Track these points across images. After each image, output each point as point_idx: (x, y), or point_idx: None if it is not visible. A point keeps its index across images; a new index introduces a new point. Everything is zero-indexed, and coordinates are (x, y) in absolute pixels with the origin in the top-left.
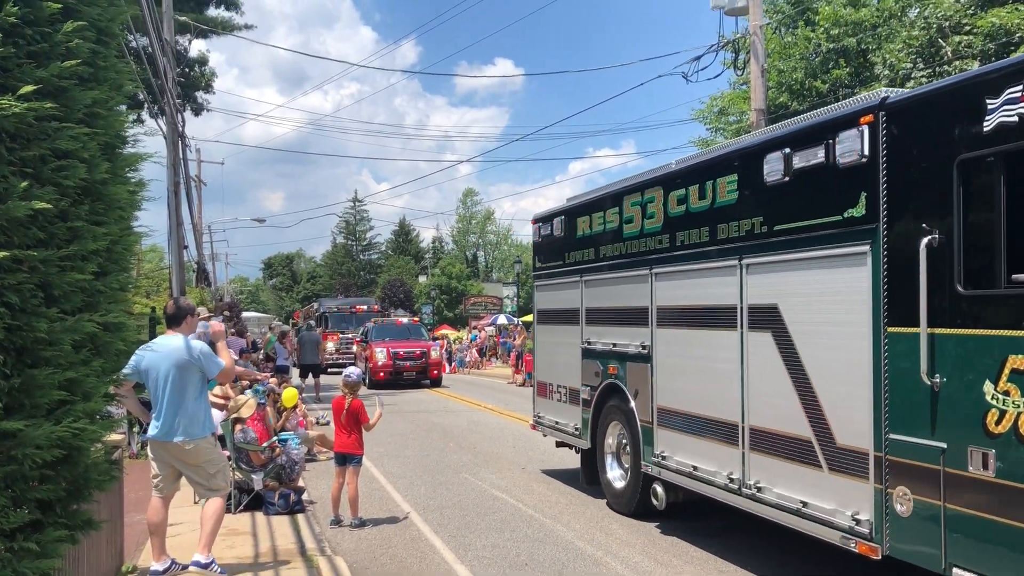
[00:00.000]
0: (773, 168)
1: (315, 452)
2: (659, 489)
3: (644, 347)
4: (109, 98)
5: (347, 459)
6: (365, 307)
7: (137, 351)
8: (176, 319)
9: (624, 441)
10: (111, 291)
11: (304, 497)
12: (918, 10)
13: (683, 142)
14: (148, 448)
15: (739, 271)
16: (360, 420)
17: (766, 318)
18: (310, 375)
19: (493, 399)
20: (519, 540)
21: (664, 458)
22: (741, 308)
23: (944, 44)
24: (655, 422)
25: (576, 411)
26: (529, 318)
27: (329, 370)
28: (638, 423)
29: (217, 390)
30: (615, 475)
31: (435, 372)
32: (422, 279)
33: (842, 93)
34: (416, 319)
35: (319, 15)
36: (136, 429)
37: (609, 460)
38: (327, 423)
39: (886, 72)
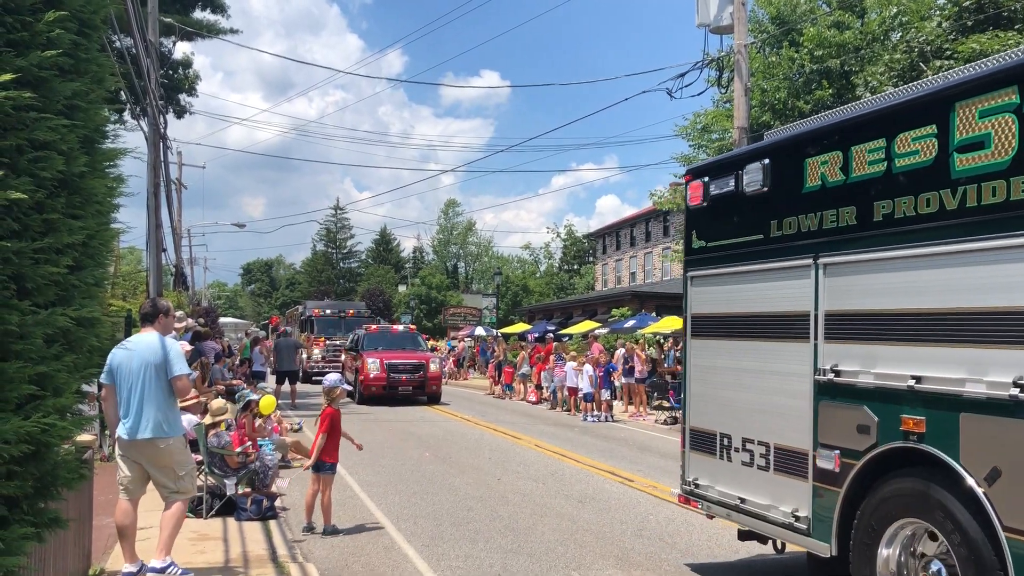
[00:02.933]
0: None
1: (289, 458)
2: None
3: None
4: (90, 90)
5: (322, 467)
6: (355, 311)
7: (111, 352)
8: (150, 316)
9: (927, 556)
10: (86, 286)
11: (277, 503)
12: (900, 34)
13: (665, 158)
14: (116, 448)
15: None
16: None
17: None
18: (286, 381)
19: (472, 410)
20: (492, 551)
21: None
22: None
23: (925, 68)
24: None
25: (798, 488)
26: (511, 329)
27: (314, 379)
28: (1000, 535)
29: (192, 392)
30: None
31: (434, 387)
32: (402, 289)
33: (825, 114)
34: (413, 327)
35: (306, 21)
36: (108, 432)
37: None
38: (299, 429)
39: (868, 94)
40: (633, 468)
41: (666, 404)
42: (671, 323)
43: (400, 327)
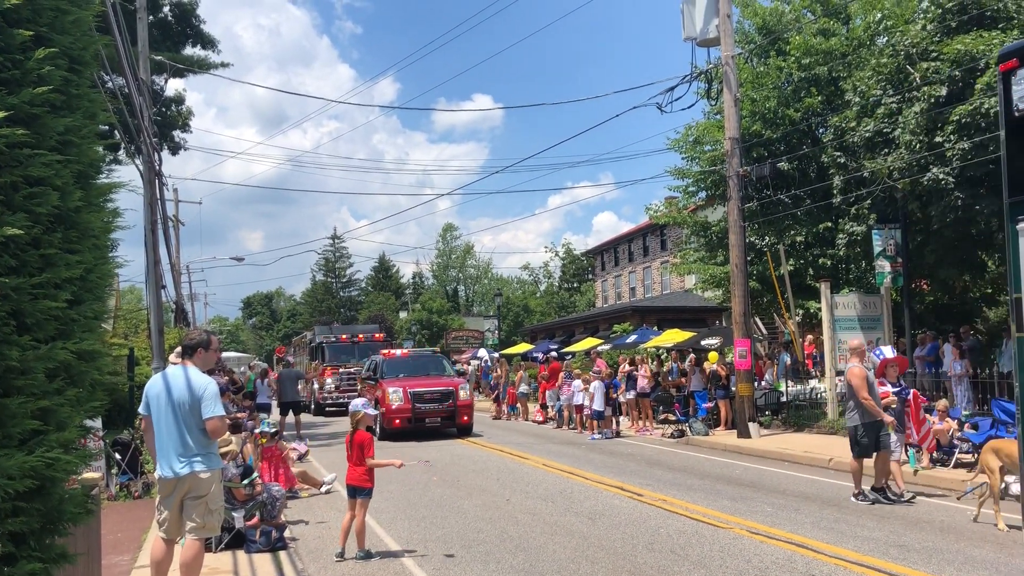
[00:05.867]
0: None
1: (297, 488)
2: None
3: None
4: (82, 126)
5: (356, 492)
6: (368, 336)
7: (149, 382)
8: (189, 351)
9: None
10: (85, 320)
11: (286, 534)
12: (886, 38)
13: (660, 171)
14: (156, 487)
15: None
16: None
17: None
18: (291, 412)
19: (478, 433)
20: (504, 571)
21: None
22: None
23: (912, 70)
24: None
25: None
26: (514, 349)
27: (328, 409)
28: None
29: (226, 434)
30: None
31: (465, 417)
32: (403, 315)
33: (814, 121)
34: (437, 349)
35: (297, 54)
36: (115, 471)
37: None
38: (305, 457)
39: (856, 99)
40: (642, 483)
41: (672, 418)
42: (673, 336)
43: (426, 350)
